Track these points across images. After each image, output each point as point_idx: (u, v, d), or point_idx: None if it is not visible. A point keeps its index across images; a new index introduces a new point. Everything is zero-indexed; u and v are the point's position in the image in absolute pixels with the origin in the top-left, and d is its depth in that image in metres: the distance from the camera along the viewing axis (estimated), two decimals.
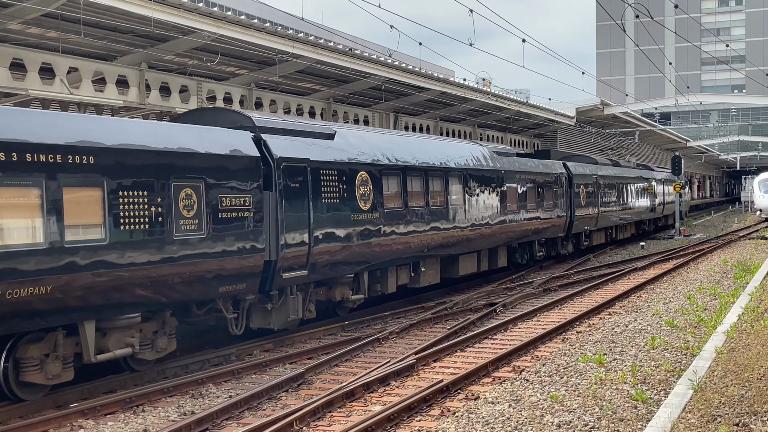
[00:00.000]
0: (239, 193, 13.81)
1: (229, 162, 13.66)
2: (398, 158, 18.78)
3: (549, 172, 28.26)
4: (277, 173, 14.73)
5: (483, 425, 9.74)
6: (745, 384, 10.27)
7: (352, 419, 10.51)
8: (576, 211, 30.45)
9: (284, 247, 14.75)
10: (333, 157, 16.39)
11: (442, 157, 20.90)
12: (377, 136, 18.91)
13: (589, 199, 32.03)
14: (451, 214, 20.87)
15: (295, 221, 15.04)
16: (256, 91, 23.30)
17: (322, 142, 16.49)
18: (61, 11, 15.39)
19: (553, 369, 12.54)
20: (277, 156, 14.79)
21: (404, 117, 31.77)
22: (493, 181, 23.40)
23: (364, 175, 17.23)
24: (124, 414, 11.13)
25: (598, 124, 48.44)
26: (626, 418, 9.72)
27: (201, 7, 17.27)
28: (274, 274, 14.61)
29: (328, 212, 15.97)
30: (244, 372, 13.32)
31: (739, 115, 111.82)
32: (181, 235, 12.56)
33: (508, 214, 24.31)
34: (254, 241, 14.05)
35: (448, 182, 20.85)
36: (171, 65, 20.50)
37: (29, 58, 16.82)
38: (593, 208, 32.59)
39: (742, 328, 14.19)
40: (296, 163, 15.25)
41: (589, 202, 32.00)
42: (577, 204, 30.63)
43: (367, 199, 17.23)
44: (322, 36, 23.29)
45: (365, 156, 17.55)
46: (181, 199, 12.66)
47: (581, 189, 31.14)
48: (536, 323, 17.79)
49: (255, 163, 14.25)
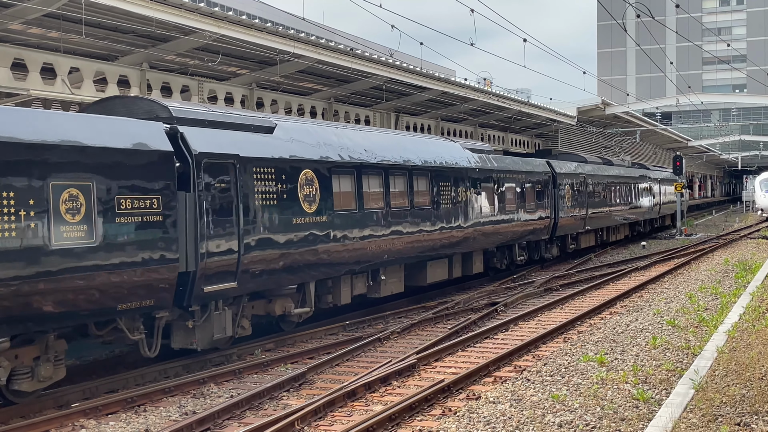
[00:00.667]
0: (144, 194, 11.90)
1: (131, 158, 11.72)
2: (353, 155, 17.14)
3: (530, 170, 26.56)
4: (197, 171, 12.89)
5: (484, 425, 9.75)
6: (747, 383, 10.27)
7: (353, 419, 10.52)
8: (561, 212, 28.78)
9: (206, 256, 12.88)
10: (271, 153, 14.63)
11: (406, 154, 19.28)
12: (329, 131, 17.20)
13: (576, 199, 30.39)
14: (417, 216, 19.17)
15: (220, 226, 13.22)
16: (258, 91, 23.31)
17: (258, 137, 14.72)
18: (62, 11, 15.40)
19: (555, 368, 12.54)
20: (196, 151, 12.95)
21: (405, 117, 31.77)
22: (465, 180, 21.78)
23: (309, 174, 15.49)
24: (126, 413, 11.13)
25: (599, 124, 48.42)
26: (627, 417, 9.72)
27: (202, 7, 17.28)
28: (193, 287, 12.77)
29: (264, 215, 14.20)
30: (245, 371, 13.32)
31: (741, 114, 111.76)
32: (61, 245, 10.63)
33: (483, 215, 22.71)
34: (164, 249, 12.14)
35: (413, 182, 19.20)
36: (172, 65, 20.52)
37: (30, 58, 16.83)
38: (581, 209, 30.93)
39: (744, 328, 14.19)
40: (222, 160, 13.42)
41: (576, 203, 30.36)
42: (562, 205, 28.97)
43: (313, 200, 15.49)
44: (324, 36, 23.30)
45: (312, 152, 15.79)
46: (63, 202, 10.73)
47: (567, 189, 29.48)
48: (537, 323, 17.79)
49: (166, 158, 12.32)
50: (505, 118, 37.18)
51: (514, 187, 25.06)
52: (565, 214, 29.23)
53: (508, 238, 24.70)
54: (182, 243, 12.59)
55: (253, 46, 19.42)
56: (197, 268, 12.74)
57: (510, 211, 24.50)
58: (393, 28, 21.32)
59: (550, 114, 39.81)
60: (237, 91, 22.58)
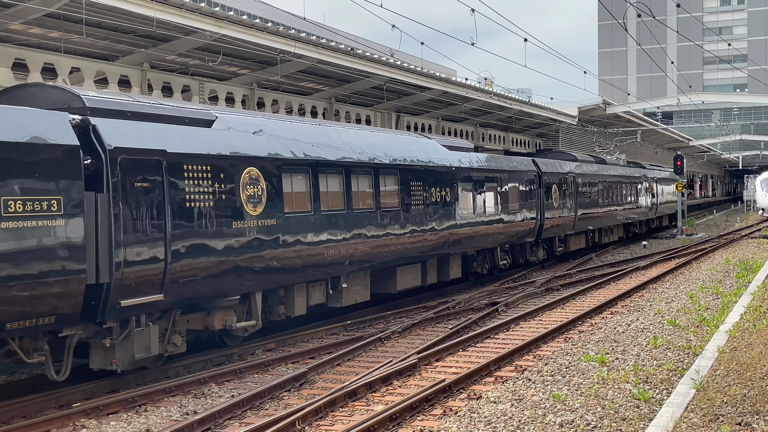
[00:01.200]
0: (41, 196, 10.34)
1: (22, 153, 10.22)
2: (307, 152, 15.63)
3: (514, 169, 25.01)
4: (112, 169, 11.35)
5: (485, 425, 9.74)
6: (748, 383, 10.27)
7: (354, 419, 10.51)
8: (547, 213, 27.31)
9: (122, 265, 11.34)
10: (206, 150, 13.08)
11: (372, 151, 17.78)
12: (280, 125, 15.67)
13: (564, 199, 29.01)
14: (384, 218, 17.67)
15: (141, 231, 11.70)
16: (258, 91, 23.32)
17: (192, 130, 13.16)
18: (63, 11, 15.40)
19: (556, 368, 12.54)
20: (111, 146, 11.40)
21: (406, 117, 31.78)
22: (441, 179, 20.29)
23: (254, 172, 13.96)
24: (127, 414, 11.13)
25: (600, 124, 48.42)
26: (628, 417, 9.72)
27: (203, 7, 17.28)
28: (107, 301, 11.27)
29: (197, 219, 12.66)
30: (246, 371, 13.32)
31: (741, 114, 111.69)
32: None
33: (461, 217, 21.17)
34: (67, 259, 10.58)
35: (380, 181, 17.76)
36: (173, 65, 20.52)
37: (31, 59, 16.84)
38: (569, 209, 29.58)
39: (745, 328, 14.19)
40: (144, 156, 11.91)
41: (564, 203, 28.97)
42: (549, 205, 27.52)
43: (258, 201, 13.99)
44: (324, 36, 23.30)
45: (257, 148, 14.25)
46: None
47: (554, 189, 28.09)
48: (538, 322, 17.78)
49: (70, 154, 10.80)
50: (506, 117, 37.18)
51: (496, 187, 23.64)
52: (552, 215, 27.85)
53: (489, 241, 23.23)
54: (91, 251, 11.00)
55: (253, 46, 19.42)
56: (111, 279, 11.22)
57: (491, 212, 23.05)
58: (394, 28, 21.32)
59: (551, 114, 39.80)
60: (238, 91, 22.59)
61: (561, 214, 28.79)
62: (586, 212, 31.62)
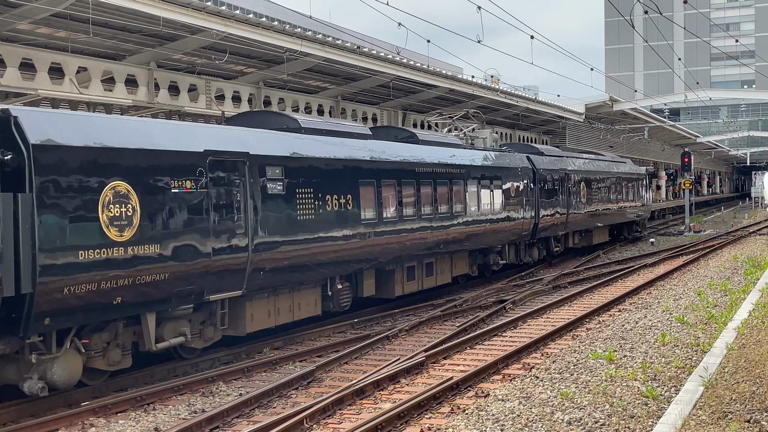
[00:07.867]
0: None
1: None
2: None
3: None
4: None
5: (493, 422, 9.74)
6: (756, 380, 10.24)
7: (362, 417, 10.52)
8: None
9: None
10: None
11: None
12: None
13: (559, 197, 27.81)
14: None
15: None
16: (265, 90, 23.33)
17: None
18: (70, 11, 15.43)
19: (563, 366, 12.52)
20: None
21: (413, 114, 31.77)
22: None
23: None
24: (135, 412, 11.16)
25: (607, 121, 48.32)
26: (637, 414, 9.70)
27: (209, 6, 17.30)
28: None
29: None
30: (254, 370, 13.34)
31: (749, 110, 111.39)
32: None
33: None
34: None
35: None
36: (180, 64, 20.54)
37: (39, 58, 16.88)
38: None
39: (753, 325, 14.14)
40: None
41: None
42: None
43: None
44: (330, 34, 23.32)
45: None
46: None
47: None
48: (546, 320, 17.76)
49: None
50: (512, 115, 37.14)
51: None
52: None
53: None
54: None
55: (260, 45, 19.43)
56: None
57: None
58: (400, 26, 21.34)
59: (558, 111, 39.74)
60: (244, 90, 22.61)
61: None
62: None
